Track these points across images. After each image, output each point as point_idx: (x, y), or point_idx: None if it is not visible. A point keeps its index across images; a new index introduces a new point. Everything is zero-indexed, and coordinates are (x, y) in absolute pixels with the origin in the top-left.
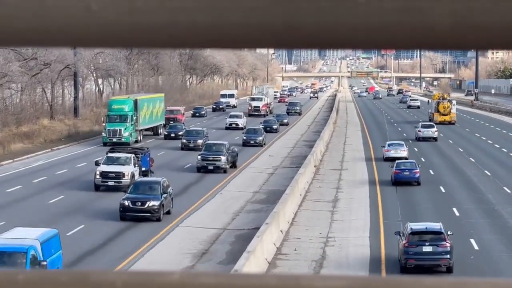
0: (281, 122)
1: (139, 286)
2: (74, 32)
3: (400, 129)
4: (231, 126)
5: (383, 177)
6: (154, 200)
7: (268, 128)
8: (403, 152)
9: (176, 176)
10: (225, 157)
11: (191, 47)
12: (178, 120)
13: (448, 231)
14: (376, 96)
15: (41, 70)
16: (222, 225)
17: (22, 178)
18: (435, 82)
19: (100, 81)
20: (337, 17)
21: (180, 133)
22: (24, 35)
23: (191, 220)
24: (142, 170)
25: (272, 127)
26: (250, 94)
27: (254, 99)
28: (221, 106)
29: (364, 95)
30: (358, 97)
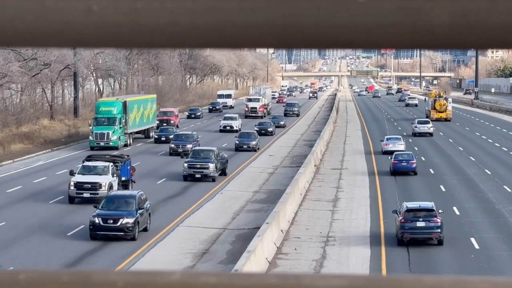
0: (277, 124)
1: (140, 286)
2: (75, 33)
3: (400, 128)
4: (225, 128)
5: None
6: (128, 217)
7: (263, 130)
8: (400, 146)
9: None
10: (213, 165)
11: (191, 47)
12: (172, 122)
13: (439, 209)
14: (376, 95)
15: (41, 70)
16: (222, 224)
17: (22, 178)
18: (435, 81)
19: (100, 81)
20: (337, 17)
21: (171, 136)
22: (26, 36)
23: (191, 220)
24: (122, 180)
25: (268, 129)
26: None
27: (251, 100)
28: (218, 107)
29: (364, 94)
30: (358, 96)
